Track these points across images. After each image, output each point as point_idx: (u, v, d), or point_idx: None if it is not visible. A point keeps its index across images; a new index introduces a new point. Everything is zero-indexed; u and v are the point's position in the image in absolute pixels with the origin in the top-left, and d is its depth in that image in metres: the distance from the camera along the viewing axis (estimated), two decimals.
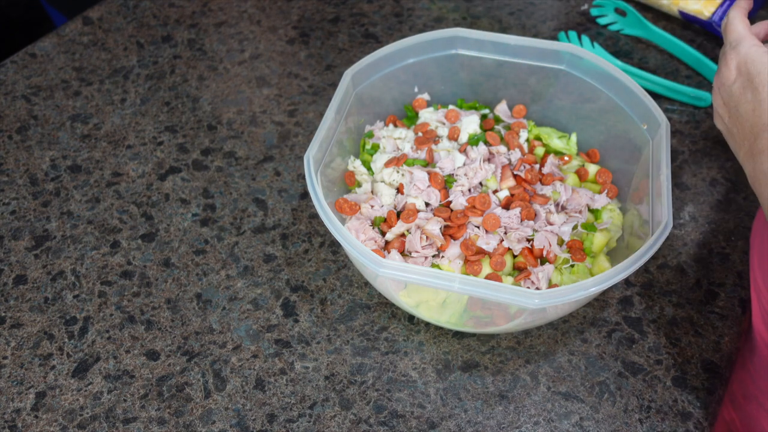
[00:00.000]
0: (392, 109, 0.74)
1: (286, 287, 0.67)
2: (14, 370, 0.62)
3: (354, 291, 0.67)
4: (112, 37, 0.93)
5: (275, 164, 0.78)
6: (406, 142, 0.69)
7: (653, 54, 0.89)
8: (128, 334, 0.64)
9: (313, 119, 0.82)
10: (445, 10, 0.95)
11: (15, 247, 0.71)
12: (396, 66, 0.69)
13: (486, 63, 0.70)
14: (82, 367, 0.62)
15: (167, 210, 0.74)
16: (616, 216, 0.65)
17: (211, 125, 0.82)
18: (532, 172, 0.65)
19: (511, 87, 0.72)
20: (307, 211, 0.73)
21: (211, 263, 0.69)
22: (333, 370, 0.62)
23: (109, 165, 0.78)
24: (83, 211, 0.74)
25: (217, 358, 0.63)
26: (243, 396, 0.60)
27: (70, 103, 0.85)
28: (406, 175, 0.66)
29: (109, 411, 0.60)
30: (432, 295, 0.59)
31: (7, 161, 0.79)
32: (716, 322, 0.64)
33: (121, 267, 0.69)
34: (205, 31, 0.93)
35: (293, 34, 0.92)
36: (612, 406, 0.59)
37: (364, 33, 0.92)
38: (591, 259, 0.63)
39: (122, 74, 0.88)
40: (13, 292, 0.68)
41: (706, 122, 0.80)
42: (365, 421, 0.59)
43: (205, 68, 0.88)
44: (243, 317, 0.65)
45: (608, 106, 0.67)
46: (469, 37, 0.69)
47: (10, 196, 0.75)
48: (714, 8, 0.87)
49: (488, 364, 0.62)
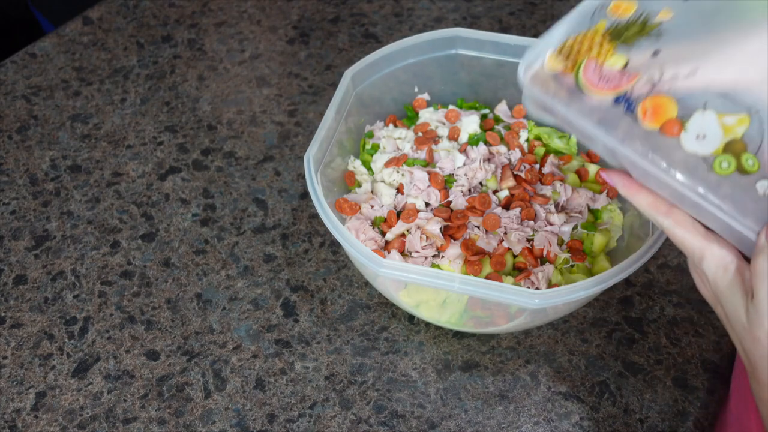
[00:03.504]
0: (392, 109, 0.74)
1: (286, 287, 0.67)
2: (14, 370, 0.62)
3: (354, 291, 0.67)
4: (112, 37, 0.93)
5: (275, 164, 0.78)
6: (406, 142, 0.69)
7: None
8: (128, 334, 0.64)
9: (313, 119, 0.82)
10: (445, 10, 0.95)
11: (15, 247, 0.71)
12: (396, 66, 0.69)
13: (486, 63, 0.70)
14: (82, 367, 0.62)
15: (167, 210, 0.74)
16: (616, 216, 0.65)
17: (211, 125, 0.82)
18: (532, 172, 0.65)
19: (511, 87, 0.72)
20: (307, 211, 0.73)
21: (211, 263, 0.69)
22: (333, 370, 0.62)
23: (109, 165, 0.78)
24: (83, 211, 0.74)
25: (217, 358, 0.63)
26: (243, 396, 0.60)
27: (70, 103, 0.85)
28: (406, 175, 0.66)
29: (109, 411, 0.60)
30: (432, 295, 0.59)
31: (7, 161, 0.79)
32: (716, 322, 0.64)
33: (121, 267, 0.69)
34: (205, 31, 0.93)
35: (293, 34, 0.92)
36: (612, 406, 0.59)
37: (364, 33, 0.92)
38: (591, 259, 0.63)
39: (122, 74, 0.88)
40: (13, 292, 0.68)
41: None
42: (365, 421, 0.59)
43: (205, 68, 0.88)
44: (243, 317, 0.65)
45: None
46: (469, 37, 0.69)
47: (10, 196, 0.75)
48: None
49: (488, 364, 0.62)
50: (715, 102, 0.40)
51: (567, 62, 0.44)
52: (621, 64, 0.42)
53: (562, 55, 0.44)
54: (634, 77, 0.42)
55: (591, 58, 0.43)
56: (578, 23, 0.45)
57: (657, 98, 0.41)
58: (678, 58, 0.41)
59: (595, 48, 0.43)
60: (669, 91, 0.41)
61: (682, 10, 0.43)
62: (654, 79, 0.41)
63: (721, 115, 0.40)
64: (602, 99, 0.42)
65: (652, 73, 0.42)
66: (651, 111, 0.41)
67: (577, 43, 0.44)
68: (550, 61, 0.44)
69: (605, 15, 0.44)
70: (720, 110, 0.40)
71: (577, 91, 0.43)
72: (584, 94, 0.43)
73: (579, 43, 0.44)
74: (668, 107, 0.41)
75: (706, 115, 0.40)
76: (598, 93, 0.42)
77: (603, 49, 0.43)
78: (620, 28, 0.43)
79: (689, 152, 0.40)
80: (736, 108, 0.40)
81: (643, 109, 0.41)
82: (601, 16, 0.44)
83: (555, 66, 0.44)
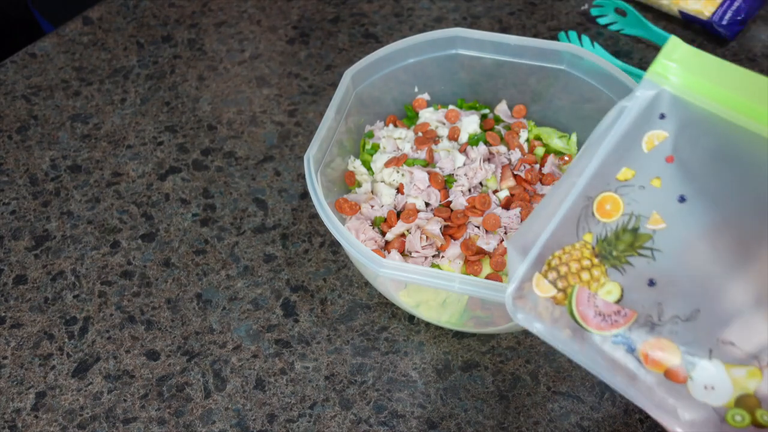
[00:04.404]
0: (392, 109, 0.74)
1: (286, 287, 0.67)
2: (14, 370, 0.62)
3: (354, 291, 0.67)
4: (112, 37, 0.93)
5: (275, 164, 0.78)
6: (406, 142, 0.69)
7: (653, 54, 0.88)
8: (128, 334, 0.64)
9: (313, 119, 0.82)
10: (445, 10, 0.95)
11: (15, 247, 0.71)
12: (396, 66, 0.69)
13: (486, 63, 0.70)
14: (82, 367, 0.62)
15: (167, 210, 0.74)
16: None
17: (211, 125, 0.82)
18: (533, 172, 0.65)
19: (511, 87, 0.72)
20: (307, 211, 0.73)
21: (211, 263, 0.69)
22: (333, 370, 0.62)
23: (109, 165, 0.78)
24: (83, 211, 0.74)
25: (217, 358, 0.63)
26: (243, 396, 0.60)
27: (70, 103, 0.85)
28: (406, 175, 0.66)
29: (109, 411, 0.60)
30: (432, 295, 0.59)
31: (7, 161, 0.79)
32: None
33: (121, 267, 0.69)
34: (205, 31, 0.93)
35: (293, 34, 0.92)
36: (612, 406, 0.59)
37: (364, 33, 0.92)
38: None
39: (122, 74, 0.88)
40: (13, 292, 0.68)
41: None
42: (365, 421, 0.59)
43: (205, 68, 0.88)
44: (243, 317, 0.65)
45: (608, 106, 0.67)
46: (469, 37, 0.69)
47: (10, 196, 0.75)
48: (714, 8, 0.87)
49: (488, 364, 0.62)
50: (721, 350, 0.36)
51: (557, 285, 0.40)
52: (616, 296, 0.39)
53: (550, 277, 0.40)
54: (631, 316, 0.38)
55: (583, 286, 0.40)
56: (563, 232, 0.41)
57: (658, 341, 0.38)
58: (677, 294, 0.38)
59: (585, 272, 0.40)
60: (670, 334, 0.37)
61: (676, 220, 0.39)
62: (653, 320, 0.38)
63: (729, 366, 0.36)
64: (601, 336, 0.39)
65: (650, 312, 0.38)
66: (653, 355, 0.37)
67: (563, 263, 0.40)
68: (538, 286, 0.41)
69: (591, 218, 0.40)
70: (727, 360, 0.36)
71: (573, 324, 0.39)
72: (581, 329, 0.39)
73: (566, 264, 0.40)
74: (671, 352, 0.37)
75: (713, 365, 0.36)
76: (596, 330, 0.39)
77: (593, 275, 0.40)
78: (609, 240, 0.39)
79: (699, 401, 0.36)
80: (744, 359, 0.36)
81: (643, 353, 0.38)
82: (587, 225, 0.40)
83: (544, 290, 0.40)
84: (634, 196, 0.40)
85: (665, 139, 0.39)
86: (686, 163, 0.39)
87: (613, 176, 0.40)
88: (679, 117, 0.39)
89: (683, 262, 0.39)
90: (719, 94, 0.38)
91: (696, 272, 0.38)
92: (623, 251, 0.39)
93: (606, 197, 0.40)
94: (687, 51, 0.39)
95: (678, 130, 0.39)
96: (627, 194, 0.40)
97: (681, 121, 0.39)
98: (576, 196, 0.40)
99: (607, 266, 0.40)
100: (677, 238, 0.39)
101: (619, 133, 0.40)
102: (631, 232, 0.39)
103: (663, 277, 0.38)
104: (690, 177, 0.39)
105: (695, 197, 0.38)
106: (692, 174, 0.39)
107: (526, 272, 0.41)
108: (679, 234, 0.39)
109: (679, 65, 0.39)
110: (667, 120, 0.39)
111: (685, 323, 0.37)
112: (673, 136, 0.39)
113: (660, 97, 0.39)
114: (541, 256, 0.41)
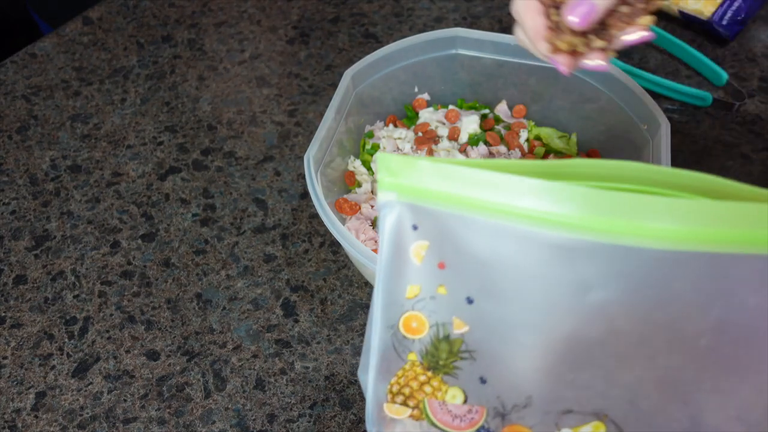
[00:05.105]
0: (392, 109, 0.74)
1: (286, 287, 0.68)
2: (14, 370, 0.62)
3: (354, 291, 0.67)
4: (112, 37, 0.93)
5: (275, 164, 0.78)
6: (406, 142, 0.69)
7: (653, 54, 0.89)
8: (128, 334, 0.64)
9: (313, 119, 0.82)
10: (445, 10, 0.95)
11: (15, 247, 0.71)
12: (396, 66, 0.69)
13: (486, 63, 0.70)
14: (82, 367, 0.62)
15: (167, 210, 0.74)
16: None
17: (211, 125, 0.82)
18: None
19: (511, 87, 0.72)
20: (307, 211, 0.73)
21: (211, 263, 0.69)
22: (333, 370, 0.62)
23: (109, 165, 0.78)
24: (83, 211, 0.74)
25: (217, 358, 0.63)
26: (243, 396, 0.60)
27: (70, 103, 0.85)
28: None
29: (109, 411, 0.60)
30: None
31: (7, 161, 0.79)
32: None
33: (121, 267, 0.69)
34: (205, 31, 0.93)
35: (293, 34, 0.92)
36: None
37: (364, 33, 0.92)
38: None
39: (122, 74, 0.88)
40: (13, 292, 0.68)
41: (706, 122, 0.80)
42: (366, 421, 0.59)
43: (205, 68, 0.88)
44: (243, 317, 0.65)
45: (608, 106, 0.67)
46: (469, 37, 0.69)
47: (10, 196, 0.75)
48: (714, 8, 0.87)
49: None
50: (564, 421, 0.39)
51: (408, 405, 0.42)
52: (461, 398, 0.41)
53: (398, 400, 0.42)
54: (482, 411, 0.40)
55: (430, 398, 0.41)
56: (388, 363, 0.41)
57: (513, 428, 0.40)
58: (508, 386, 0.40)
59: (426, 386, 0.41)
60: (519, 419, 0.40)
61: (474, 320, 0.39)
62: (501, 410, 0.40)
63: (576, 429, 0.39)
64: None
65: (495, 404, 0.40)
66: None
67: (404, 385, 0.42)
68: (392, 412, 0.42)
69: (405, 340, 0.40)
70: (572, 425, 0.39)
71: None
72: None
73: (407, 385, 0.41)
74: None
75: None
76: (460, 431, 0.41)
77: (434, 386, 0.41)
78: (431, 352, 0.40)
79: None
80: (588, 417, 0.39)
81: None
82: (404, 347, 0.41)
83: (400, 412, 0.42)
84: (431, 308, 0.39)
85: (428, 248, 0.38)
86: (456, 265, 0.38)
87: (403, 297, 0.39)
88: (428, 224, 0.37)
89: (500, 357, 0.39)
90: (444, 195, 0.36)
91: (512, 362, 0.39)
92: (447, 359, 0.40)
93: (409, 317, 0.40)
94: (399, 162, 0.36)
95: (434, 237, 0.37)
96: (424, 308, 0.39)
97: (433, 227, 0.37)
98: (380, 331, 0.40)
99: (441, 375, 0.41)
100: (483, 337, 0.39)
101: (386, 258, 0.38)
102: (444, 340, 0.40)
103: (489, 373, 0.40)
104: (466, 277, 0.38)
105: (480, 296, 0.38)
106: (466, 274, 0.38)
107: (374, 408, 0.42)
108: (483, 333, 0.39)
109: (400, 177, 0.37)
110: (421, 230, 0.37)
111: (525, 409, 0.40)
112: (433, 243, 0.37)
113: (403, 211, 0.37)
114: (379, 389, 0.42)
